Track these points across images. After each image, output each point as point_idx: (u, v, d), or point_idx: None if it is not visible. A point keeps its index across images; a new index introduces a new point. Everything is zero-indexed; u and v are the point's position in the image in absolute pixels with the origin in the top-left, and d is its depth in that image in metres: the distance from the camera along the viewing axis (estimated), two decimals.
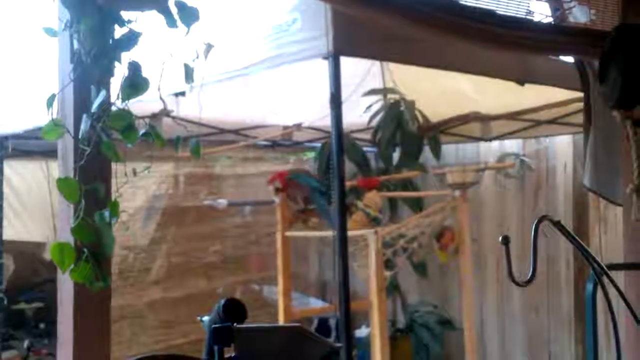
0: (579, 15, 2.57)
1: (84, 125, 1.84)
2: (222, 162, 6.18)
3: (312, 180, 4.68)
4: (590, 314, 2.15)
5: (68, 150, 2.01)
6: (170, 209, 5.83)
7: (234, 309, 1.54)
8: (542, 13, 2.47)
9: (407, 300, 6.04)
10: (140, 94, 1.83)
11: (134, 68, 1.82)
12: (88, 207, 1.87)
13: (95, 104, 1.82)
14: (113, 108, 1.85)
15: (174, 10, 1.85)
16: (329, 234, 3.61)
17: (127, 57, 1.83)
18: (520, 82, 3.95)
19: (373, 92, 5.19)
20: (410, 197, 5.22)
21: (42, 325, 6.15)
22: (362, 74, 4.84)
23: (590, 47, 2.38)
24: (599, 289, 1.69)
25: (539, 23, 2.42)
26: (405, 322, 5.86)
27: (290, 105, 5.32)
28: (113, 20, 1.81)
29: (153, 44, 1.99)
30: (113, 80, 1.87)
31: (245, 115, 5.47)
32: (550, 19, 2.57)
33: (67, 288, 2.04)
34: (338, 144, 3.17)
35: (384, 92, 5.28)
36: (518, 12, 2.30)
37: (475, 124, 5.49)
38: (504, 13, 2.27)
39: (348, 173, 4.58)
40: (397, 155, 5.41)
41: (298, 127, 5.54)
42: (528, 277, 1.60)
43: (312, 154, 6.10)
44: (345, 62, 3.19)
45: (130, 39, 1.82)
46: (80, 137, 1.86)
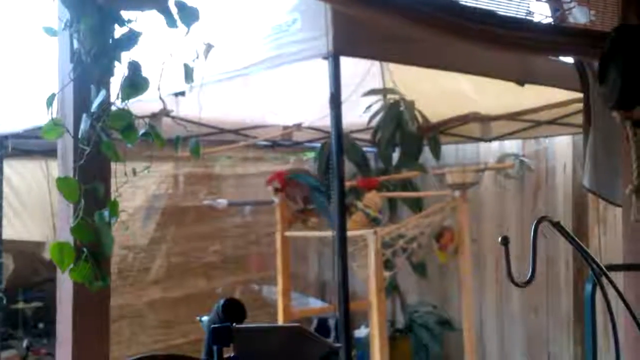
0: (579, 16, 2.56)
1: (84, 125, 1.84)
2: (221, 162, 6.18)
3: (311, 179, 4.68)
4: (589, 315, 2.15)
5: (68, 150, 2.01)
6: (170, 209, 5.84)
7: (233, 309, 1.54)
8: (542, 14, 2.47)
9: (406, 301, 6.04)
10: (140, 94, 1.83)
11: (134, 68, 1.82)
12: (88, 206, 1.87)
13: (95, 104, 1.82)
14: (113, 108, 1.84)
15: (174, 10, 1.85)
16: (329, 234, 3.61)
17: (127, 56, 1.83)
18: (520, 82, 3.96)
19: (373, 92, 5.19)
20: (410, 197, 5.22)
21: (41, 325, 6.15)
22: (361, 74, 4.84)
23: (590, 47, 2.38)
24: (598, 290, 1.69)
25: (539, 24, 2.42)
26: (405, 322, 5.86)
27: (290, 105, 5.31)
28: (113, 20, 1.80)
29: (153, 44, 1.99)
30: (113, 80, 1.86)
31: (245, 115, 5.47)
32: (550, 20, 2.56)
33: (66, 287, 2.04)
34: (338, 144, 3.17)
35: (384, 92, 5.28)
36: (518, 12, 2.31)
37: (475, 125, 5.49)
38: (504, 13, 2.27)
39: (348, 173, 4.58)
40: (396, 156, 5.40)
41: (298, 127, 5.54)
42: (527, 277, 1.60)
43: (311, 154, 6.11)
44: (345, 62, 3.19)
45: (130, 39, 1.82)
46: (80, 136, 1.86)
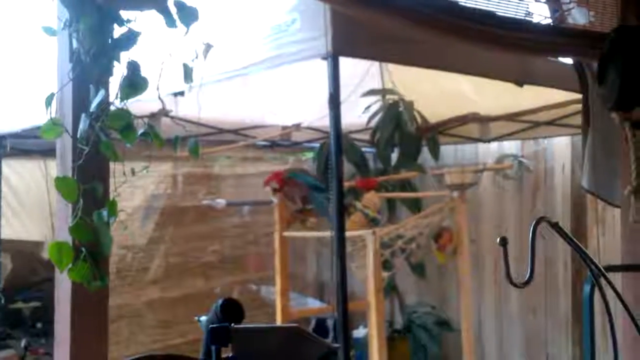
0: (578, 17, 2.56)
1: (83, 125, 1.84)
2: (220, 162, 6.18)
3: (309, 178, 4.67)
4: (588, 316, 2.15)
5: (66, 150, 2.01)
6: (169, 209, 5.83)
7: (232, 309, 1.54)
8: (541, 14, 2.47)
9: (404, 301, 6.04)
10: (139, 94, 1.83)
11: (133, 67, 1.83)
12: (86, 206, 1.87)
13: (94, 104, 1.82)
14: (112, 107, 1.85)
15: (173, 10, 1.86)
16: (327, 235, 3.61)
17: (126, 56, 1.83)
18: (519, 83, 3.96)
19: (372, 92, 5.19)
20: (409, 197, 5.22)
21: (39, 325, 6.14)
22: (361, 75, 4.84)
23: (589, 48, 2.38)
24: (597, 291, 1.69)
25: (538, 24, 2.42)
26: (403, 322, 5.86)
27: (289, 106, 5.31)
28: (112, 20, 1.81)
29: (152, 44, 1.99)
30: (112, 80, 1.87)
31: (244, 115, 5.47)
32: (549, 21, 2.56)
33: (64, 287, 2.03)
34: (337, 145, 3.17)
35: (383, 92, 5.28)
36: (517, 13, 2.30)
37: (474, 125, 5.49)
38: (504, 14, 2.27)
39: (346, 173, 4.58)
40: (395, 156, 5.40)
41: (297, 127, 5.54)
42: (526, 278, 1.60)
43: (310, 154, 6.11)
44: (344, 62, 3.19)
45: (130, 39, 1.82)
46: (79, 136, 1.86)
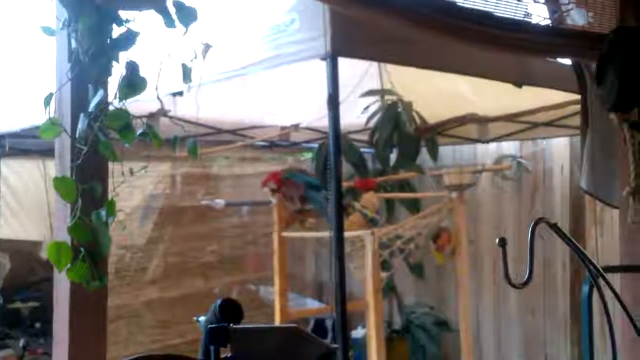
0: (577, 18, 2.57)
1: (81, 125, 1.84)
2: (219, 162, 6.18)
3: (307, 178, 4.67)
4: (586, 316, 2.16)
5: (65, 149, 2.01)
6: (168, 209, 5.83)
7: (230, 309, 1.54)
8: (540, 15, 2.47)
9: (403, 302, 6.04)
10: (138, 94, 1.83)
11: (132, 67, 1.82)
12: (85, 206, 1.86)
13: (93, 103, 1.82)
14: (110, 107, 1.84)
15: (172, 10, 1.85)
16: (326, 235, 3.61)
17: (124, 56, 1.83)
18: (518, 84, 3.96)
19: (371, 93, 5.19)
20: (407, 198, 5.22)
21: (38, 325, 6.13)
22: (359, 75, 4.84)
23: (588, 49, 2.39)
24: (595, 291, 1.69)
25: (537, 25, 2.43)
26: (402, 323, 5.86)
27: (288, 106, 5.31)
28: (111, 20, 1.81)
29: (151, 44, 1.99)
30: (111, 80, 1.86)
31: (243, 116, 5.47)
32: (548, 21, 2.56)
33: (63, 287, 2.03)
34: (335, 145, 3.17)
35: (382, 93, 5.28)
36: (516, 14, 2.31)
37: (473, 126, 5.49)
38: (502, 15, 2.27)
39: (345, 174, 4.58)
40: (394, 157, 5.40)
41: (295, 127, 5.54)
42: (524, 279, 1.60)
43: (309, 155, 6.11)
44: (343, 63, 3.19)
45: (128, 39, 1.82)
46: (78, 136, 1.86)
